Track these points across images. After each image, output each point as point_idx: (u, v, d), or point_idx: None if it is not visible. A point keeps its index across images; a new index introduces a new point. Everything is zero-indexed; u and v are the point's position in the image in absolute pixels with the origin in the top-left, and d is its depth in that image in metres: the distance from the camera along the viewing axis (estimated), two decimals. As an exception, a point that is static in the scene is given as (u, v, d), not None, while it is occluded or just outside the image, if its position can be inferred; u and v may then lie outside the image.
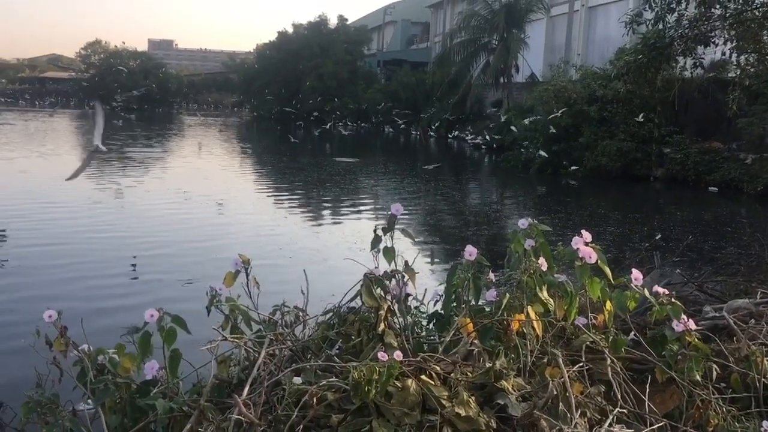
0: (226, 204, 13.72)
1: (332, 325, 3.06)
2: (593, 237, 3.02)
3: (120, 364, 2.60)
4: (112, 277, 7.94)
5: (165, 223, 11.51)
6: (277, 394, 2.38)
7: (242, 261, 3.14)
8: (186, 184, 16.95)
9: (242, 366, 2.84)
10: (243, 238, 10.39)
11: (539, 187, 20.18)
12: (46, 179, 16.07)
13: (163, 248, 9.58)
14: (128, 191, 15.04)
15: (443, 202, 16.25)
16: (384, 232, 3.07)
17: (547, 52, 36.04)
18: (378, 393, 2.17)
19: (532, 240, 3.06)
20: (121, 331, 2.77)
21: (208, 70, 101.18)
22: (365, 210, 14.26)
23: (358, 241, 9.88)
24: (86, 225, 11.06)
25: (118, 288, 7.50)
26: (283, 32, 57.88)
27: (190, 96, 77.54)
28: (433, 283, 7.11)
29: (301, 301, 3.23)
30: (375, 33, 63.90)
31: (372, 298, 2.77)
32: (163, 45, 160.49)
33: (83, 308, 6.12)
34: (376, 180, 19.91)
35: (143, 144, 28.10)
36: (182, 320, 2.60)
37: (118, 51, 71.07)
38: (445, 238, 11.66)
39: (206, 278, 7.22)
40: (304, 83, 52.09)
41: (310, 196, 16.49)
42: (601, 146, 20.67)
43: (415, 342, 2.90)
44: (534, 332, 2.72)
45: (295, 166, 22.01)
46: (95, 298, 7.00)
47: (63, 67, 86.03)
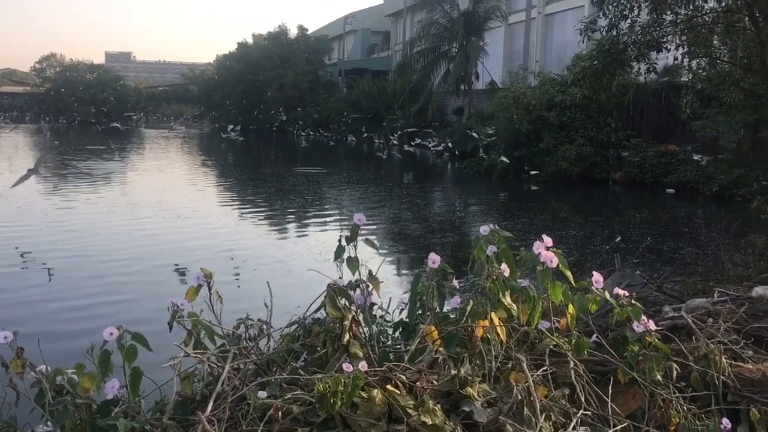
0: (189, 218, 13.54)
1: (297, 337, 3.04)
2: (555, 241, 3.05)
3: (79, 384, 2.53)
4: (70, 297, 7.77)
5: (124, 239, 11.30)
6: (242, 409, 2.35)
7: (204, 275, 3.09)
8: (147, 199, 16.72)
9: (206, 382, 2.80)
10: (207, 252, 10.26)
11: (502, 192, 20.37)
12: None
13: (123, 265, 9.40)
14: (88, 207, 14.74)
15: (407, 210, 16.29)
16: (347, 242, 3.07)
17: (506, 59, 36.49)
18: (344, 404, 2.16)
19: (494, 246, 3.08)
20: (80, 351, 2.71)
21: (167, 82, 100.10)
22: (330, 220, 14.24)
23: (323, 251, 9.84)
24: (44, 243, 10.82)
25: (76, 308, 7.34)
26: (243, 43, 57.63)
27: (149, 109, 76.60)
28: (398, 291, 7.12)
29: (265, 313, 3.20)
30: (336, 42, 64.02)
31: (336, 308, 2.76)
32: (120, 57, 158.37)
33: (41, 329, 5.97)
34: (339, 189, 19.89)
35: (103, 158, 27.61)
36: (143, 337, 2.55)
37: (74, 64, 69.86)
38: (409, 246, 11.69)
39: (169, 294, 7.12)
40: (265, 94, 51.89)
41: (274, 207, 16.39)
42: (561, 151, 20.99)
43: (381, 351, 2.90)
44: (498, 338, 2.74)
45: (258, 177, 21.86)
46: (53, 318, 6.84)
47: (17, 82, 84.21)
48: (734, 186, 17.22)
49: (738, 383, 2.91)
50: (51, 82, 67.92)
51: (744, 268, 5.81)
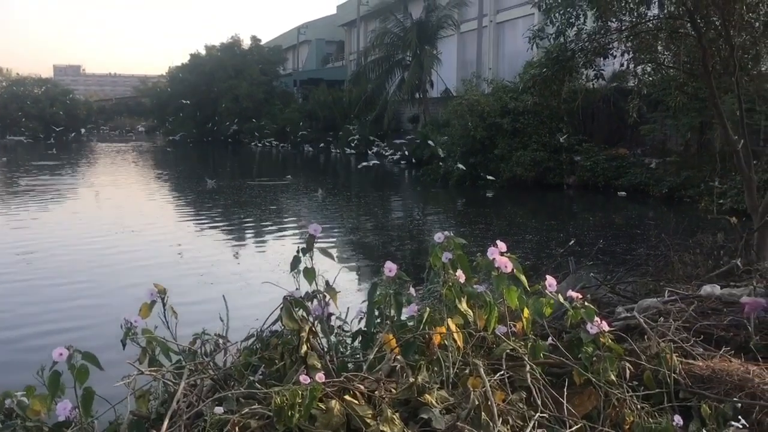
0: (143, 233, 13.31)
1: (255, 351, 3.01)
2: (511, 246, 3.09)
3: (30, 406, 2.47)
4: (21, 315, 7.57)
5: (77, 258, 11.04)
6: (198, 426, 2.32)
7: (158, 290, 3.05)
8: (101, 215, 16.39)
9: (161, 399, 2.75)
10: (162, 267, 10.09)
11: (459, 199, 20.55)
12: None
13: (75, 282, 9.19)
14: (39, 226, 14.37)
15: (365, 220, 16.30)
16: (303, 253, 3.05)
17: (460, 67, 36.88)
18: (301, 417, 2.14)
19: (449, 253, 3.10)
20: (29, 372, 2.64)
21: (118, 95, 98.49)
22: (287, 231, 14.15)
23: (281, 263, 9.75)
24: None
25: (26, 327, 7.15)
26: (195, 54, 57.13)
27: (100, 122, 75.21)
28: (356, 301, 7.10)
29: (221, 328, 3.17)
30: (290, 53, 63.82)
31: (292, 320, 2.74)
32: (69, 71, 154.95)
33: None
34: (296, 200, 19.80)
35: (52, 174, 26.96)
36: (94, 356, 2.50)
37: (21, 79, 68.27)
38: (367, 255, 11.69)
39: (122, 310, 6.98)
40: (219, 105, 51.43)
41: (231, 219, 16.22)
42: (516, 157, 21.29)
43: (339, 362, 2.89)
44: (455, 344, 2.75)
45: (214, 190, 21.61)
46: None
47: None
48: (683, 187, 17.71)
49: (689, 380, 2.98)
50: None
51: (693, 267, 5.97)
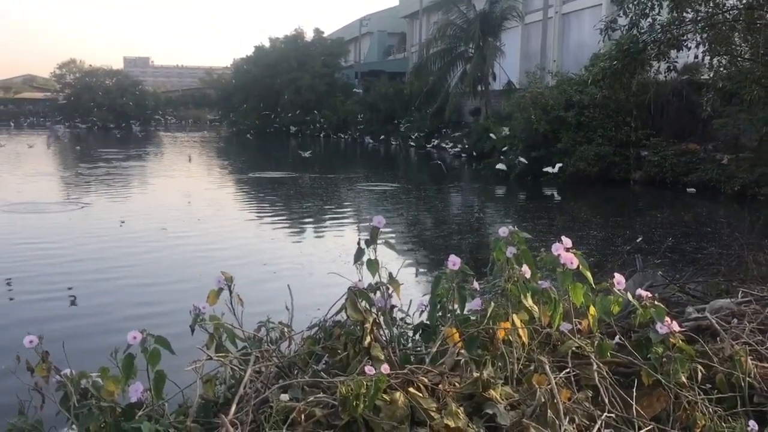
0: (208, 221, 13.63)
1: (318, 340, 3.04)
2: (575, 242, 3.03)
3: (104, 387, 2.56)
4: (96, 298, 7.85)
5: (145, 242, 11.39)
6: (264, 412, 2.36)
7: (225, 278, 3.11)
8: (166, 201, 16.86)
9: (228, 385, 2.81)
10: (226, 255, 10.32)
11: (520, 193, 20.29)
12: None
13: (146, 267, 9.48)
14: (107, 211, 14.89)
15: (425, 212, 16.28)
16: (367, 245, 3.07)
17: (523, 60, 36.36)
18: (366, 407, 2.16)
19: (513, 248, 3.07)
20: (104, 353, 2.74)
21: (185, 87, 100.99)
22: (348, 223, 14.25)
23: (342, 254, 9.84)
24: (71, 248, 10.94)
25: (101, 310, 7.41)
26: (260, 47, 58.02)
27: (168, 113, 77.29)
28: (417, 293, 7.11)
29: (286, 316, 3.21)
30: (352, 45, 64.15)
31: (357, 311, 2.76)
32: (139, 62, 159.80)
33: (65, 331, 6.02)
34: (357, 192, 19.91)
35: (123, 162, 27.89)
36: (166, 341, 2.57)
37: (94, 70, 70.68)
38: (428, 248, 11.67)
39: (190, 296, 7.16)
40: (282, 97, 52.16)
41: (293, 210, 16.44)
42: (580, 151, 20.87)
43: (402, 354, 2.89)
44: (520, 340, 2.72)
45: (276, 180, 21.96)
46: (77, 320, 6.91)
47: (38, 88, 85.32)
48: (756, 184, 17.02)
49: (764, 385, 2.87)
50: (71, 88, 68.81)
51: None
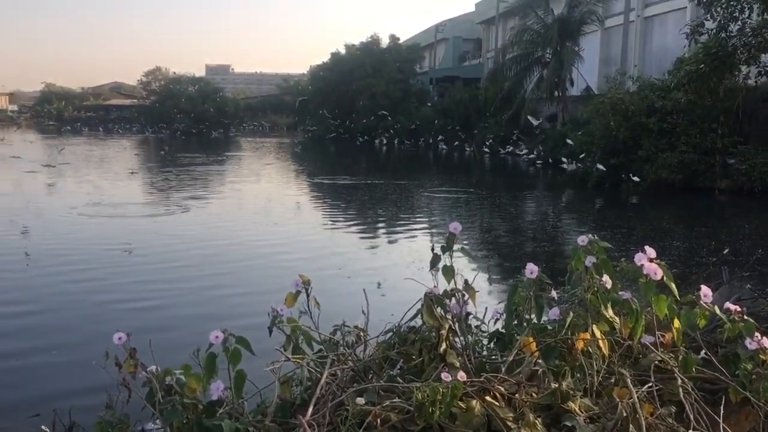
0: (285, 225, 13.91)
1: (392, 345, 3.05)
2: (657, 252, 2.94)
3: (186, 384, 2.64)
4: (169, 297, 8.12)
5: (224, 245, 11.71)
6: (340, 415, 2.39)
7: (302, 281, 3.16)
8: (245, 206, 17.30)
9: (305, 386, 2.85)
10: (302, 259, 10.49)
11: (598, 201, 19.81)
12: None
13: (224, 270, 9.74)
14: (190, 215, 15.38)
15: (500, 219, 16.10)
16: (443, 251, 3.06)
17: (602, 65, 35.52)
18: (442, 414, 2.15)
19: (593, 257, 3.00)
20: (185, 351, 2.83)
21: (263, 93, 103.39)
22: (421, 228, 14.24)
23: (416, 260, 9.86)
24: (158, 253, 11.37)
25: (182, 307, 7.66)
26: (336, 53, 58.77)
27: (246, 119, 79.33)
28: (492, 301, 7.04)
29: (361, 320, 3.24)
30: (427, 51, 64.19)
31: (433, 317, 2.75)
32: (219, 70, 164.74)
33: (151, 329, 6.25)
34: (430, 198, 19.89)
35: (204, 167, 28.79)
36: (246, 341, 2.63)
37: (177, 77, 73.36)
38: (502, 255, 11.53)
39: (266, 298, 7.32)
40: (357, 103, 52.67)
41: (366, 214, 16.58)
42: (662, 158, 20.17)
43: (477, 362, 2.87)
44: (600, 351, 2.66)
45: (350, 186, 22.20)
46: (163, 319, 7.16)
47: (125, 95, 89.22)
48: None
49: None
50: (156, 95, 71.60)
51: None
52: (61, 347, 6.17)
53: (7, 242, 11.23)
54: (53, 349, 6.16)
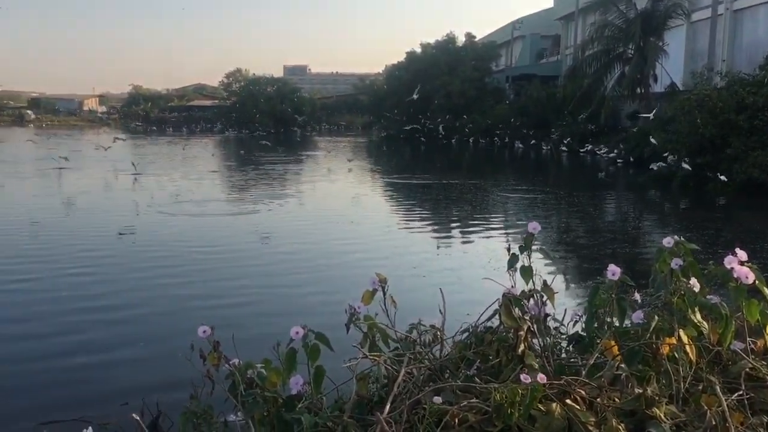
0: (361, 224, 14.04)
1: (469, 345, 3.03)
2: (748, 255, 2.81)
3: (267, 378, 2.70)
4: (250, 294, 8.32)
5: (301, 243, 11.92)
6: (417, 413, 2.39)
7: (379, 280, 3.18)
8: (321, 204, 17.56)
9: (381, 384, 2.87)
10: (377, 257, 10.57)
11: (682, 201, 19.10)
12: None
13: (300, 266, 9.92)
14: (268, 214, 15.73)
15: (578, 220, 15.75)
16: (521, 251, 3.02)
17: (688, 60, 34.21)
18: (521, 416, 2.12)
19: (679, 259, 2.90)
20: (264, 346, 2.91)
21: (339, 93, 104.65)
22: (497, 228, 14.09)
23: (492, 259, 9.76)
24: (243, 249, 11.70)
25: (259, 303, 7.85)
26: (411, 52, 58.85)
27: (322, 118, 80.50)
28: (571, 303, 6.89)
29: (437, 319, 3.23)
30: (503, 49, 63.47)
31: (511, 318, 2.72)
32: (297, 70, 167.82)
33: (233, 323, 6.43)
34: (506, 198, 19.65)
35: (282, 166, 29.39)
36: (325, 337, 2.68)
37: (257, 78, 75.17)
38: (581, 256, 11.27)
39: (342, 296, 7.40)
40: (432, 102, 52.57)
41: (441, 214, 16.53)
42: (752, 157, 19.23)
43: (556, 364, 2.82)
44: (687, 357, 2.56)
45: (425, 185, 22.19)
46: (241, 312, 7.35)
47: (207, 96, 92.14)
48: None
49: None
50: (236, 96, 73.59)
51: None
52: (148, 340, 6.43)
53: (96, 241, 11.74)
54: (140, 341, 6.42)
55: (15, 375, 5.48)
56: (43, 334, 6.56)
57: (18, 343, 6.37)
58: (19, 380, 5.36)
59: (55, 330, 6.66)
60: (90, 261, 9.93)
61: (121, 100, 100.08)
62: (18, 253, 10.49)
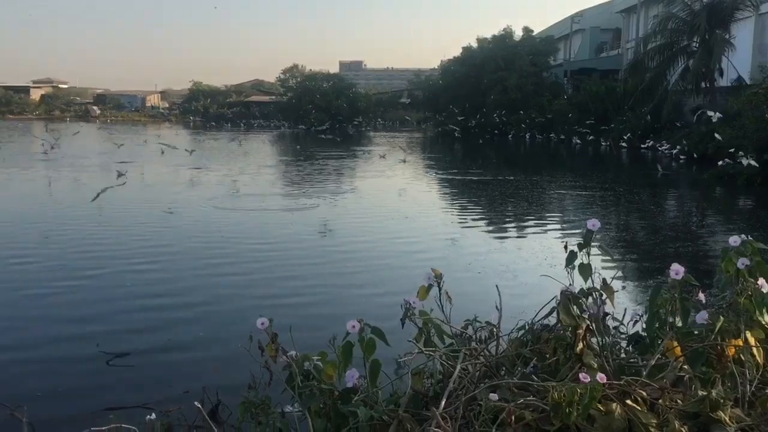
0: (415, 219, 14.03)
1: (525, 343, 3.00)
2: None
3: (323, 370, 2.73)
4: (309, 287, 8.42)
5: (356, 239, 11.98)
6: (473, 410, 2.38)
7: (435, 275, 3.17)
8: (376, 199, 17.62)
9: (436, 379, 2.87)
10: (432, 253, 10.55)
11: (749, 200, 18.45)
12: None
13: (355, 261, 9.98)
14: (323, 209, 15.88)
15: (638, 217, 15.39)
16: (580, 248, 2.97)
17: (756, 53, 32.96)
18: (580, 416, 2.09)
19: (745, 258, 2.80)
20: (321, 338, 2.94)
21: (394, 88, 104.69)
22: (553, 226, 13.88)
23: (548, 257, 9.63)
24: (298, 248, 11.87)
25: (315, 298, 7.94)
26: (467, 47, 58.44)
27: (377, 114, 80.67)
28: (630, 302, 6.76)
29: (493, 316, 3.21)
30: (561, 43, 62.42)
31: (570, 316, 2.68)
32: (353, 66, 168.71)
33: (291, 317, 6.53)
34: (563, 194, 19.33)
35: (338, 161, 29.62)
36: (381, 331, 2.69)
37: (313, 74, 75.84)
38: (641, 255, 11.01)
39: (396, 291, 7.43)
40: (488, 97, 52.13)
41: (496, 210, 16.38)
42: (823, 154, 18.45)
43: (616, 364, 2.76)
44: (753, 360, 2.48)
45: (481, 181, 22.02)
46: (298, 306, 7.45)
47: (264, 92, 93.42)
48: None
49: None
50: (293, 91, 74.37)
51: None
52: (208, 331, 6.58)
53: (153, 237, 12.02)
54: (200, 331, 6.58)
55: (83, 364, 5.68)
56: (106, 324, 6.78)
57: (85, 328, 6.61)
58: (86, 367, 5.57)
59: (118, 321, 6.87)
60: (152, 256, 10.17)
61: (181, 96, 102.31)
62: (81, 249, 10.83)
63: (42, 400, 4.80)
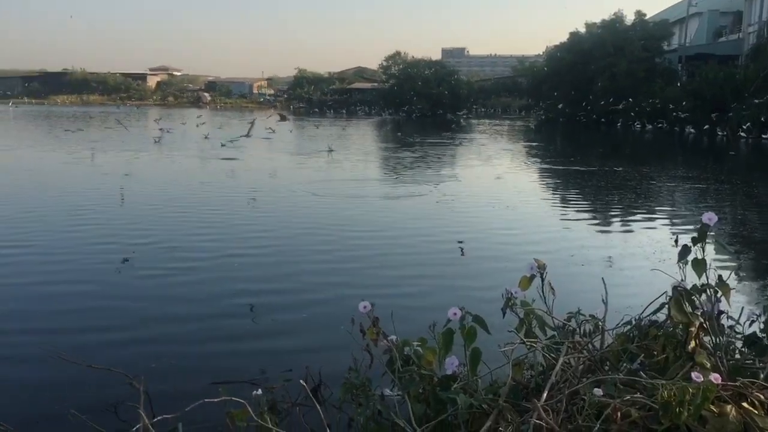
0: (517, 209, 13.81)
1: (631, 338, 2.91)
2: None
3: (423, 356, 2.75)
4: (414, 276, 8.45)
5: (457, 228, 11.92)
6: (576, 404, 2.33)
7: (538, 265, 3.12)
8: (478, 189, 17.48)
9: (537, 371, 2.83)
10: (533, 243, 10.36)
11: None
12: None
13: (454, 253, 9.94)
14: (424, 198, 15.91)
15: (757, 212, 14.49)
16: (694, 243, 2.84)
17: None
18: (691, 416, 2.01)
19: None
20: (421, 325, 2.96)
21: (497, 75, 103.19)
22: (662, 219, 13.29)
23: (657, 251, 9.23)
24: (391, 220, 11.97)
25: (416, 285, 7.97)
26: (574, 33, 56.77)
27: (479, 101, 79.82)
28: (746, 301, 6.39)
29: (599, 309, 3.12)
30: (677, 27, 59.42)
31: (682, 312, 2.57)
32: (455, 53, 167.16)
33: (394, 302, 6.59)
34: (673, 186, 18.46)
35: (439, 149, 29.56)
36: (482, 320, 2.68)
37: (415, 61, 75.88)
38: (759, 252, 10.34)
39: (494, 281, 7.35)
40: (595, 84, 50.50)
41: (600, 201, 15.87)
42: None
43: (731, 365, 2.63)
44: None
45: (586, 172, 21.38)
46: (403, 293, 7.50)
47: (367, 79, 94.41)
48: None
49: None
50: (394, 79, 74.76)
51: None
52: (311, 315, 6.74)
53: (252, 224, 12.37)
54: (303, 313, 6.76)
55: (194, 341, 5.98)
56: (214, 307, 7.08)
57: (197, 307, 6.94)
58: (197, 346, 5.85)
59: (223, 305, 7.15)
60: (251, 241, 10.48)
61: (287, 83, 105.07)
62: (192, 232, 11.34)
63: (156, 372, 5.09)
